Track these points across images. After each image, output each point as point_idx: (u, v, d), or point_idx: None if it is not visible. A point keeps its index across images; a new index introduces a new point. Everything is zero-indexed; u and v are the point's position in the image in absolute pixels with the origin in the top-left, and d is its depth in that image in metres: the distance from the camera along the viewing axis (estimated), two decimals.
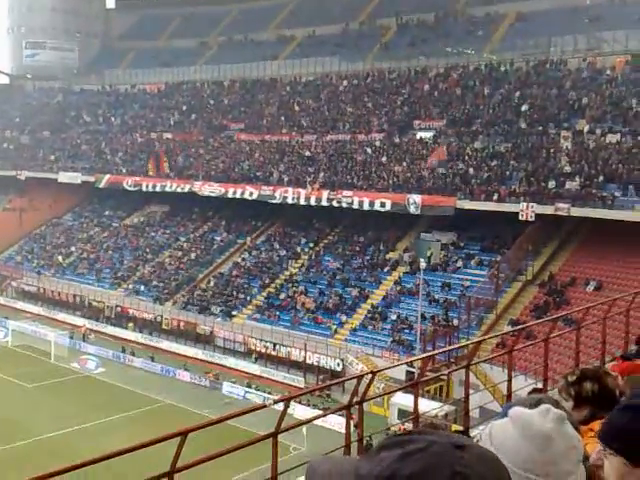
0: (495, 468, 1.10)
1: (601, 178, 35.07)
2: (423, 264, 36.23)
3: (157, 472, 5.07)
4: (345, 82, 54.30)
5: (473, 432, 4.99)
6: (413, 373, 25.00)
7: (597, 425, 2.57)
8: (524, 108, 42.41)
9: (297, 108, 54.69)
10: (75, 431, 28.85)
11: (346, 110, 51.52)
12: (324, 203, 43.69)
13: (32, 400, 32.71)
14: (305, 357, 36.15)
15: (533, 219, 35.48)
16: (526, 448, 1.37)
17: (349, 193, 42.51)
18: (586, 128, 38.52)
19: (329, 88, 54.96)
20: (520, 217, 35.54)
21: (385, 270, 41.48)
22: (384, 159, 44.73)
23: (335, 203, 43.15)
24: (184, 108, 61.71)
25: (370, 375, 7.14)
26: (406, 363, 26.49)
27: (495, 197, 37.18)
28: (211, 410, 28.78)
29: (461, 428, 6.34)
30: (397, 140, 46.18)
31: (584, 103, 40.56)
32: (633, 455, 1.55)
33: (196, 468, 5.46)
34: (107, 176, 56.77)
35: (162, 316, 43.83)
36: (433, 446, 1.08)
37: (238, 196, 48.15)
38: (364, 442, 7.04)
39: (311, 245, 46.32)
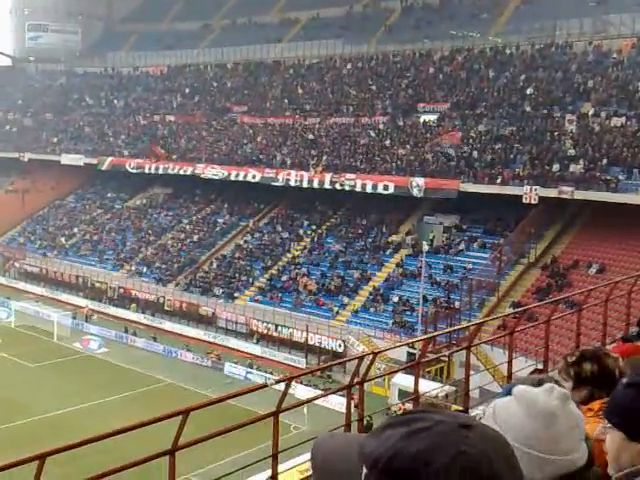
0: (501, 447, 1.10)
1: (605, 161, 34.95)
2: (425, 247, 36.24)
3: (159, 450, 5.12)
4: (349, 65, 53.98)
5: (473, 412, 5.01)
6: (414, 354, 25.09)
7: (597, 405, 2.59)
8: (529, 91, 42.17)
9: (301, 91, 54.43)
10: (77, 410, 29.05)
11: (350, 93, 51.27)
12: (327, 186, 43.63)
13: (35, 379, 32.94)
14: (307, 338, 36.31)
15: (536, 202, 35.43)
16: (530, 425, 1.38)
17: (352, 176, 42.43)
18: (591, 111, 38.32)
19: (333, 71, 54.65)
20: (524, 200, 35.48)
21: (387, 252, 41.52)
22: (388, 142, 44.59)
23: (338, 186, 43.08)
24: (187, 91, 61.47)
25: (371, 356, 7.17)
26: (407, 344, 26.59)
27: (499, 180, 37.10)
28: (213, 390, 28.97)
29: (461, 408, 6.38)
30: (401, 123, 45.99)
31: (589, 86, 40.32)
32: (631, 430, 1.61)
33: (198, 447, 5.50)
34: (110, 158, 56.70)
35: (164, 297, 44.00)
36: (439, 425, 1.07)
37: (241, 179, 48.10)
38: (364, 421, 7.09)
39: (314, 227, 46.33)
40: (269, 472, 6.24)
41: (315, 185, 44.30)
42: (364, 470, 1.10)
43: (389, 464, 1.05)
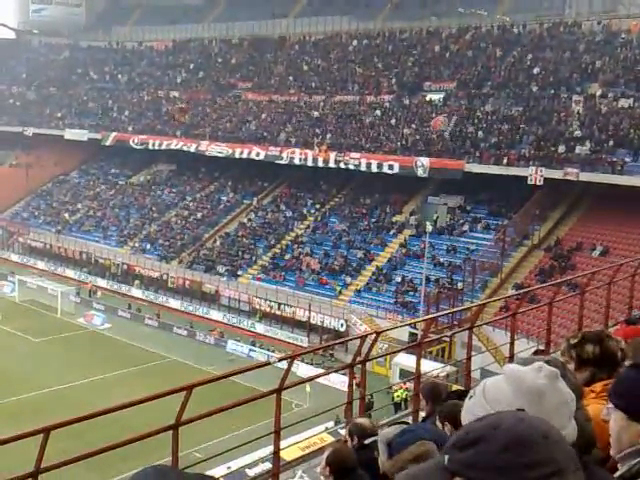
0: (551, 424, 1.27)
1: (611, 143, 34.72)
2: (429, 227, 36.19)
3: (163, 425, 5.16)
4: (355, 42, 53.49)
5: None
6: (416, 335, 25.19)
7: (599, 387, 2.60)
8: (536, 71, 41.79)
9: (306, 68, 54.03)
10: (81, 385, 29.31)
11: (355, 70, 50.87)
12: (331, 165, 43.47)
13: (38, 354, 33.19)
14: (309, 317, 36.44)
15: (542, 184, 35.28)
16: (518, 402, 1.39)
17: (357, 155, 42.25)
18: (598, 92, 37.99)
19: (339, 48, 54.17)
20: (529, 181, 35.33)
21: (391, 233, 41.49)
22: (393, 121, 44.33)
23: (342, 165, 42.93)
24: (191, 66, 61.06)
25: (374, 335, 7.20)
26: (409, 324, 26.67)
27: (504, 161, 36.91)
28: (215, 367, 29.14)
29: (462, 388, 6.41)
30: (406, 102, 45.68)
31: (597, 67, 39.92)
32: (632, 410, 1.64)
33: (201, 423, 5.55)
34: (114, 134, 56.52)
35: (168, 274, 44.12)
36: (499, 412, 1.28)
37: (245, 156, 47.94)
38: (366, 400, 7.14)
39: (317, 207, 46.26)
40: (271, 448, 6.30)
41: (319, 164, 44.15)
42: (445, 457, 1.19)
43: (465, 438, 1.18)
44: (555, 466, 1.11)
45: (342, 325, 35.31)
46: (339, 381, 25.38)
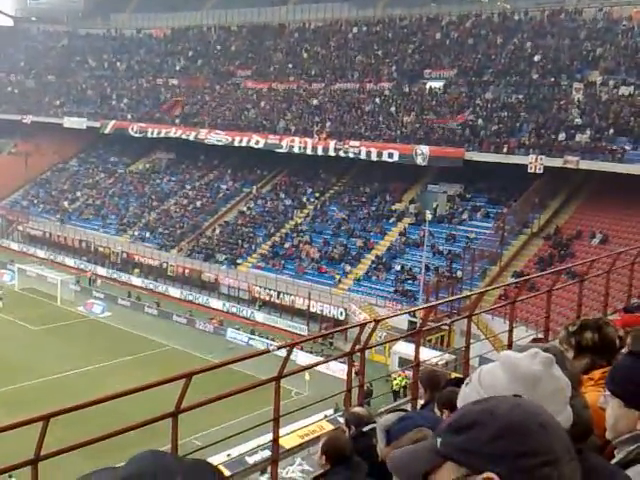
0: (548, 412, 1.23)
1: (612, 131, 34.64)
2: (429, 215, 36.17)
3: (162, 413, 5.17)
4: (355, 29, 53.22)
5: None
6: (415, 323, 25.22)
7: (597, 374, 2.59)
8: (537, 58, 41.62)
9: (305, 55, 53.79)
10: (81, 372, 29.40)
11: (355, 58, 50.65)
12: (331, 153, 43.37)
13: (38, 342, 33.25)
14: (309, 306, 36.50)
15: (541, 172, 35.22)
16: (513, 389, 1.39)
17: (356, 143, 42.15)
18: (599, 80, 37.86)
19: (338, 35, 53.90)
20: (529, 169, 35.28)
21: (390, 221, 41.47)
22: (393, 109, 44.19)
23: (342, 153, 42.82)
24: (190, 54, 60.78)
25: (373, 323, 7.21)
26: (408, 312, 26.70)
27: (504, 149, 36.83)
28: (215, 355, 29.23)
29: (460, 375, 6.42)
30: (407, 90, 45.51)
31: (598, 54, 39.75)
32: (628, 397, 1.66)
33: (200, 411, 5.56)
34: (112, 122, 56.36)
35: (167, 263, 44.14)
36: (496, 397, 1.24)
37: (244, 144, 47.83)
38: (365, 388, 7.15)
39: (317, 195, 46.20)
40: (270, 436, 6.32)
41: (319, 152, 44.06)
42: (438, 440, 1.16)
43: (459, 421, 1.15)
44: (550, 455, 1.09)
45: (341, 313, 35.37)
46: (338, 369, 25.45)
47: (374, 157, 41.40)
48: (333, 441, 3.88)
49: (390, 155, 40.63)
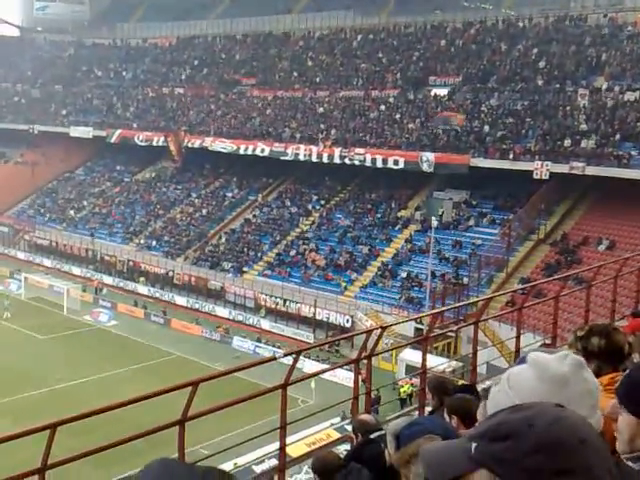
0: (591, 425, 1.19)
1: (617, 137, 34.57)
2: (435, 222, 36.12)
3: (169, 421, 5.16)
4: (359, 37, 53.37)
5: (480, 387, 5.03)
6: (422, 330, 25.14)
7: (605, 380, 2.58)
8: (541, 65, 41.62)
9: (310, 63, 53.95)
10: (87, 382, 29.37)
11: (360, 65, 50.76)
12: (336, 160, 43.41)
13: (45, 351, 33.28)
14: (315, 313, 36.43)
15: (547, 178, 35.16)
16: (541, 389, 1.38)
17: (362, 150, 42.18)
18: (604, 86, 37.82)
19: (343, 43, 54.07)
20: (534, 176, 35.21)
21: (396, 228, 41.43)
22: (398, 116, 44.23)
23: (347, 161, 42.85)
24: (196, 63, 61.05)
25: (379, 330, 7.19)
26: (415, 319, 26.63)
27: (510, 155, 36.80)
28: (221, 363, 29.15)
29: (468, 383, 6.40)
30: (411, 97, 45.57)
31: (603, 60, 39.73)
32: None
33: (207, 419, 5.55)
34: (118, 131, 56.60)
35: (174, 271, 44.17)
36: (538, 405, 1.18)
37: (250, 152, 47.94)
38: (372, 395, 7.12)
39: (322, 202, 46.23)
40: (277, 444, 6.30)
41: (324, 160, 44.10)
42: (472, 445, 1.12)
43: (496, 430, 1.10)
44: (588, 475, 1.04)
45: (348, 321, 35.30)
46: (345, 377, 25.39)
47: (379, 164, 41.42)
48: (320, 461, 3.98)
49: (395, 162, 40.64)
